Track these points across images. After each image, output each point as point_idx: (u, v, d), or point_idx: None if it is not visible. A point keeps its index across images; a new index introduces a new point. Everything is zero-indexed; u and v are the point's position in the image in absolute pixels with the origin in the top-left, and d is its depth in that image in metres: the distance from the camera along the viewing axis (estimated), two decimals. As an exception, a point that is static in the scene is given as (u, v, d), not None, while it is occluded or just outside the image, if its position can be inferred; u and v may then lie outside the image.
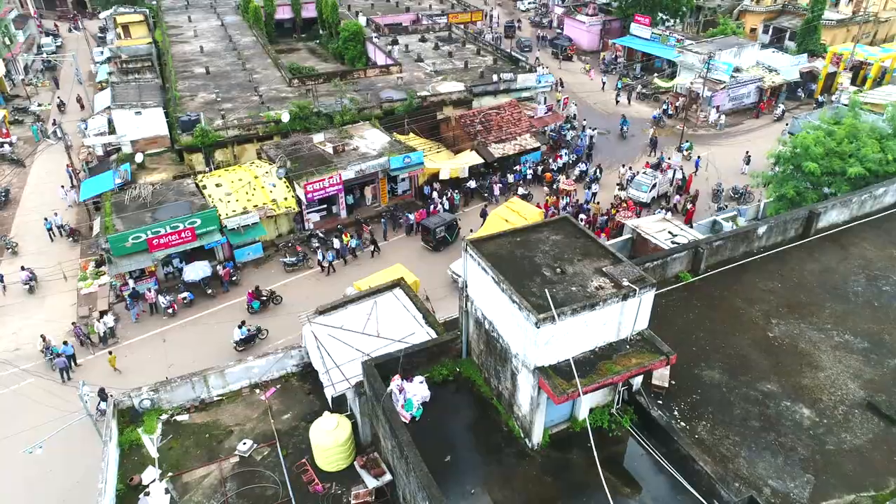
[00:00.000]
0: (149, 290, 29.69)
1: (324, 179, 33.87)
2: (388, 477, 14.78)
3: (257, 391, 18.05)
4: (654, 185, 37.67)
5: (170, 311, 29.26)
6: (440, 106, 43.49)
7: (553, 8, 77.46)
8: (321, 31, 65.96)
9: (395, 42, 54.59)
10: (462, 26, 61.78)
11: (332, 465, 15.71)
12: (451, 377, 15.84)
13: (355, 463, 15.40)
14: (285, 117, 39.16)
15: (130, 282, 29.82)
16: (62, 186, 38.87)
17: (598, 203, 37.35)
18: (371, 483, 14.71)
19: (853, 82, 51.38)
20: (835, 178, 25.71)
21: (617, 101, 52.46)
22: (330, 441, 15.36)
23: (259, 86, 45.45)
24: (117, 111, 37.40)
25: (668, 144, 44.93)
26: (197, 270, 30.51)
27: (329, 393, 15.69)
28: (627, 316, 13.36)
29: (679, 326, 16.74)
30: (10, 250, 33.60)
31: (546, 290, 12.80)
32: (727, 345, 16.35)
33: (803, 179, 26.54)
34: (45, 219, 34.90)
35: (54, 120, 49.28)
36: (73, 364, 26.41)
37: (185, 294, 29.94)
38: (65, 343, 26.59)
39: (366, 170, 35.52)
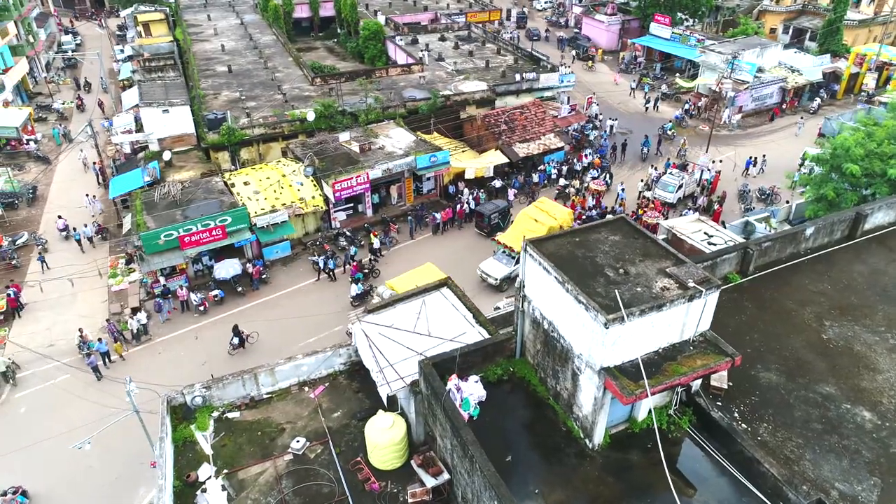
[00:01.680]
0: (181, 287, 29.77)
1: (351, 178, 33.91)
2: (445, 476, 14.75)
3: (306, 389, 18.06)
4: (681, 186, 37.56)
5: (201, 308, 29.33)
6: (463, 105, 43.46)
7: (570, 7, 77.25)
8: (339, 30, 66.00)
9: (415, 41, 54.56)
10: (480, 25, 61.73)
11: (386, 463, 15.72)
12: (505, 377, 15.81)
13: (412, 462, 15.37)
14: (310, 116, 39.16)
15: (162, 279, 29.91)
16: (86, 195, 37.48)
17: (625, 199, 37.34)
18: (429, 482, 14.68)
19: (877, 84, 51.11)
20: (874, 179, 25.55)
21: (646, 109, 51.91)
22: (386, 439, 15.35)
23: (282, 84, 45.47)
24: (145, 109, 37.47)
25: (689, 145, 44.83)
26: (228, 268, 30.57)
27: (384, 392, 15.65)
28: (692, 317, 13.31)
29: (732, 328, 16.64)
30: (40, 247, 33.68)
31: (616, 291, 12.76)
32: (782, 346, 16.26)
33: (842, 181, 26.37)
34: (74, 229, 34.33)
35: (80, 99, 49.11)
36: (106, 361, 26.52)
37: (216, 291, 30.00)
38: (99, 340, 26.69)
39: (392, 169, 35.51)
